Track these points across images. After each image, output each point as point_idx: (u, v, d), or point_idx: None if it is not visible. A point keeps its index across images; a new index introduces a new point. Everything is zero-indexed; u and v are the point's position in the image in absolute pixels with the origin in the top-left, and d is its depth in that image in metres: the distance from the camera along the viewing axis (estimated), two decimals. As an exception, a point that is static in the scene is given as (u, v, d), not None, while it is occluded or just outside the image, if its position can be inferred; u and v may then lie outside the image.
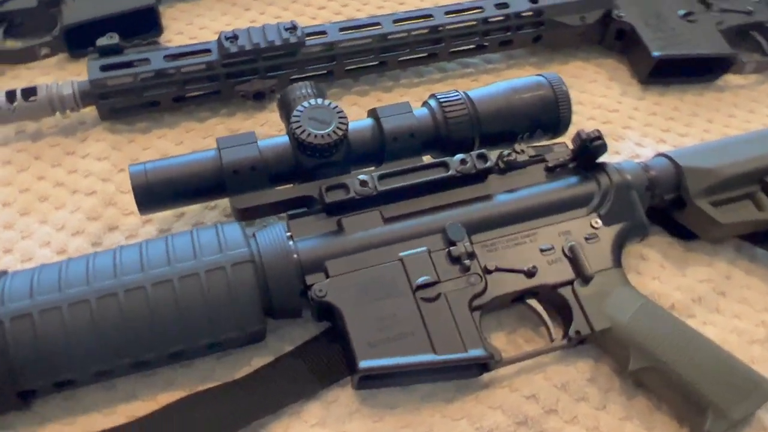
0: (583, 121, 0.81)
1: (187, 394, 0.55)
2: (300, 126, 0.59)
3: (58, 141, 0.72)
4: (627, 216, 0.62)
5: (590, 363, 0.59)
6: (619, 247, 0.61)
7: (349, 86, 0.82)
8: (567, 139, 0.66)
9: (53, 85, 0.70)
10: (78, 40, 0.77)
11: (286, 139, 0.61)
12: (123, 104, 0.71)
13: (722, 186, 0.64)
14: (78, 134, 0.73)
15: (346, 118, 0.60)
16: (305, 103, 0.60)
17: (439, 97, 0.65)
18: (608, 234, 0.61)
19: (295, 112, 0.60)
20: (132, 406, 0.55)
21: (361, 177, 0.60)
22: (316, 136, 0.59)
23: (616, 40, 0.86)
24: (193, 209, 0.67)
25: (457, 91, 0.66)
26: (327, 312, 0.56)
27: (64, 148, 0.72)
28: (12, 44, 0.79)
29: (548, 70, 0.86)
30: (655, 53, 0.81)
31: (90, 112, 0.73)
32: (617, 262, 0.61)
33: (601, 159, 0.64)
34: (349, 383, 0.56)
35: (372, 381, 0.55)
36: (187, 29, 0.86)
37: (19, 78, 0.77)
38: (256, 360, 0.58)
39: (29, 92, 0.69)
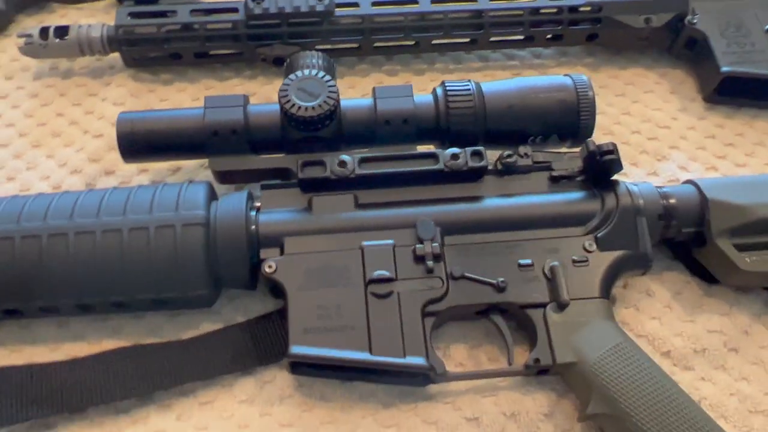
0: (626, 133, 0.73)
1: (130, 345, 0.55)
2: (286, 96, 0.57)
3: (85, 81, 0.74)
4: (628, 244, 0.55)
5: (551, 397, 0.54)
6: (611, 276, 0.55)
7: (380, 64, 0.78)
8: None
9: (84, 27, 0.71)
10: (127, -14, 0.79)
11: (277, 107, 0.60)
12: (145, 53, 0.72)
13: (752, 228, 0.56)
14: (104, 77, 0.74)
15: (336, 92, 0.57)
16: (298, 73, 0.58)
17: (447, 85, 0.61)
18: (601, 260, 0.55)
19: (285, 81, 0.58)
20: (77, 346, 0.56)
21: (342, 157, 0.57)
22: (300, 107, 0.57)
23: (686, 49, 0.77)
24: (189, 165, 0.67)
25: (468, 82, 0.61)
26: (279, 289, 0.54)
27: (89, 89, 0.74)
28: (65, -16, 0.82)
29: (604, 73, 0.78)
30: (724, 68, 0.71)
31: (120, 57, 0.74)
32: (605, 292, 0.54)
33: (645, 179, 0.57)
34: (290, 366, 0.54)
35: (307, 368, 0.53)
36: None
37: (67, 17, 0.80)
38: (206, 325, 0.57)
39: (62, 31, 0.71)
